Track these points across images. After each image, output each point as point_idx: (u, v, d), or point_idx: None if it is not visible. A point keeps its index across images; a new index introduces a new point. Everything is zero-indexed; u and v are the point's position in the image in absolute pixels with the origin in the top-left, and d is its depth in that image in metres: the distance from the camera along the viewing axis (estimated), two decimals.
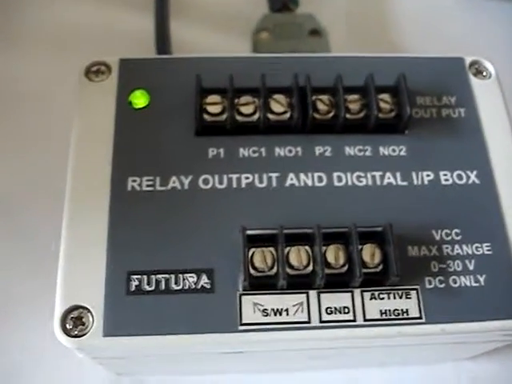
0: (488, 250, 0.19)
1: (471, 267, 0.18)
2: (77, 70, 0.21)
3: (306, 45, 0.24)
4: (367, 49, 0.26)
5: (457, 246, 0.19)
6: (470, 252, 0.19)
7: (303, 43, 0.24)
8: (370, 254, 0.18)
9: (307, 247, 0.18)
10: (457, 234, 0.19)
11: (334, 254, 0.18)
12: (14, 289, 0.24)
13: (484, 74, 0.22)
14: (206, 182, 0.19)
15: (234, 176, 0.19)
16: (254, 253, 0.18)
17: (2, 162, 0.26)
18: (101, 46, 0.26)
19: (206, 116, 0.20)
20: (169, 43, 0.26)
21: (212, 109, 0.20)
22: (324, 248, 0.18)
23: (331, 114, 0.20)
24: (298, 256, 0.18)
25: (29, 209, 0.25)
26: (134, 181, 0.19)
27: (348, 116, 0.20)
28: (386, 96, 0.20)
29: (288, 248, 0.18)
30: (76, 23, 0.28)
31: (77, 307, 0.17)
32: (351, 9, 0.29)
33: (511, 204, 0.19)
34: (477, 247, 0.19)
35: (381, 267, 0.18)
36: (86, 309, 0.17)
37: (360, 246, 0.18)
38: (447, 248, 0.19)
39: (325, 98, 0.20)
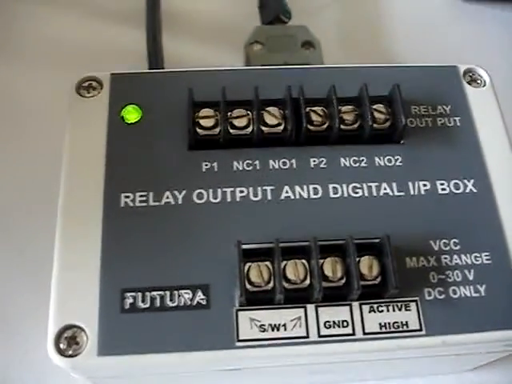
0: (487, 260, 0.18)
1: (471, 277, 0.18)
2: (69, 86, 0.20)
3: (299, 57, 0.24)
4: (360, 60, 0.26)
5: (455, 256, 0.18)
6: (469, 262, 0.18)
7: (296, 55, 0.24)
8: (367, 266, 0.18)
9: (304, 260, 0.18)
10: (455, 244, 0.19)
11: (331, 267, 0.18)
12: (14, 301, 0.23)
13: (478, 81, 0.21)
14: (200, 196, 0.19)
15: (229, 190, 0.19)
16: (249, 267, 0.17)
17: None
18: (94, 61, 0.26)
19: (198, 130, 0.19)
20: (161, 58, 0.25)
21: (205, 122, 0.19)
22: (321, 261, 0.18)
23: (325, 125, 0.20)
24: (294, 270, 0.18)
25: (27, 222, 0.24)
26: (127, 197, 0.19)
27: (342, 127, 0.20)
28: (380, 106, 0.20)
29: (284, 262, 0.18)
30: (69, 38, 0.28)
31: (70, 326, 0.17)
32: (344, 20, 0.29)
33: (509, 212, 0.19)
34: (476, 257, 0.19)
35: (379, 279, 0.18)
36: (80, 328, 0.17)
37: (357, 259, 0.18)
38: (446, 258, 0.18)
39: (319, 109, 0.20)
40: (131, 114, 0.20)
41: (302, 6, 0.28)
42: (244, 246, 0.17)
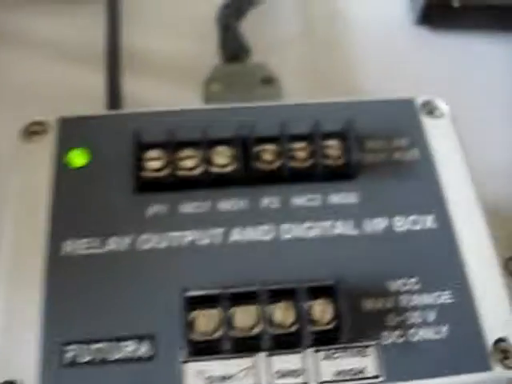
0: (449, 299, 0.18)
1: (432, 318, 0.17)
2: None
3: (258, 94, 0.24)
4: (325, 94, 0.26)
5: (415, 296, 0.18)
6: (429, 302, 0.18)
7: (255, 92, 0.24)
8: (320, 311, 0.17)
9: (254, 306, 0.17)
10: (415, 284, 0.18)
11: (282, 313, 0.17)
12: None
13: (437, 113, 0.21)
14: (145, 241, 0.18)
15: (176, 234, 0.18)
16: (196, 316, 0.17)
17: None
18: (51, 103, 0.25)
19: (145, 172, 0.19)
20: (119, 98, 0.25)
21: (152, 164, 0.19)
22: (272, 306, 0.17)
23: (277, 164, 0.19)
24: (243, 317, 0.17)
25: None
26: (71, 244, 0.18)
27: (295, 165, 0.19)
28: (334, 142, 0.19)
29: (233, 309, 0.17)
30: (28, 80, 0.27)
31: (9, 382, 0.16)
32: (308, 55, 0.29)
33: (470, 247, 0.18)
34: (437, 296, 0.18)
35: (334, 324, 0.17)
36: None
37: (310, 303, 0.17)
38: (405, 299, 0.18)
39: (270, 147, 0.19)
40: (78, 158, 0.19)
41: (265, 42, 0.27)
42: (190, 293, 0.17)
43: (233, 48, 0.25)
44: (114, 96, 0.25)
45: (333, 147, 0.19)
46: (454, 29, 0.29)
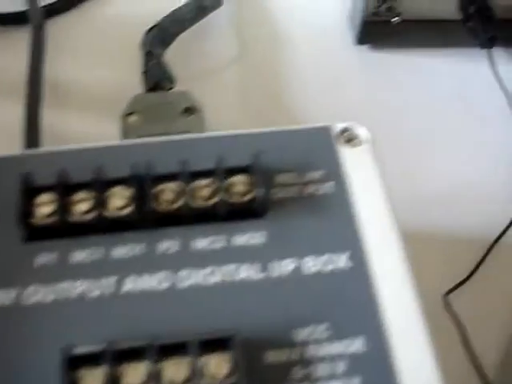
0: (362, 347, 0.16)
1: (342, 369, 0.16)
2: None
3: (178, 125, 0.22)
4: (259, 123, 0.25)
5: (324, 346, 0.16)
6: (339, 351, 0.16)
7: (175, 123, 0.22)
8: (216, 366, 0.15)
9: (142, 364, 0.15)
10: (323, 331, 0.16)
11: (173, 370, 0.15)
12: None
13: (356, 141, 0.19)
14: (32, 294, 0.17)
15: (64, 285, 0.17)
16: (81, 376, 0.15)
17: None
18: None
19: (35, 219, 0.17)
20: (38, 135, 0.24)
21: (42, 210, 0.18)
22: (162, 363, 0.15)
23: (178, 204, 0.18)
24: (131, 376, 0.15)
25: None
26: None
27: (197, 204, 0.18)
28: (240, 178, 0.18)
29: (122, 366, 0.15)
30: None
31: None
32: (237, 83, 0.27)
33: (387, 288, 0.17)
34: (348, 344, 0.16)
35: (232, 380, 0.15)
36: None
37: (205, 357, 0.15)
38: (312, 349, 0.16)
39: (170, 186, 0.18)
40: None
41: (193, 70, 0.26)
42: (71, 352, 0.15)
43: (155, 76, 0.24)
44: (32, 132, 0.24)
45: (239, 183, 0.18)
46: (395, 46, 0.27)
